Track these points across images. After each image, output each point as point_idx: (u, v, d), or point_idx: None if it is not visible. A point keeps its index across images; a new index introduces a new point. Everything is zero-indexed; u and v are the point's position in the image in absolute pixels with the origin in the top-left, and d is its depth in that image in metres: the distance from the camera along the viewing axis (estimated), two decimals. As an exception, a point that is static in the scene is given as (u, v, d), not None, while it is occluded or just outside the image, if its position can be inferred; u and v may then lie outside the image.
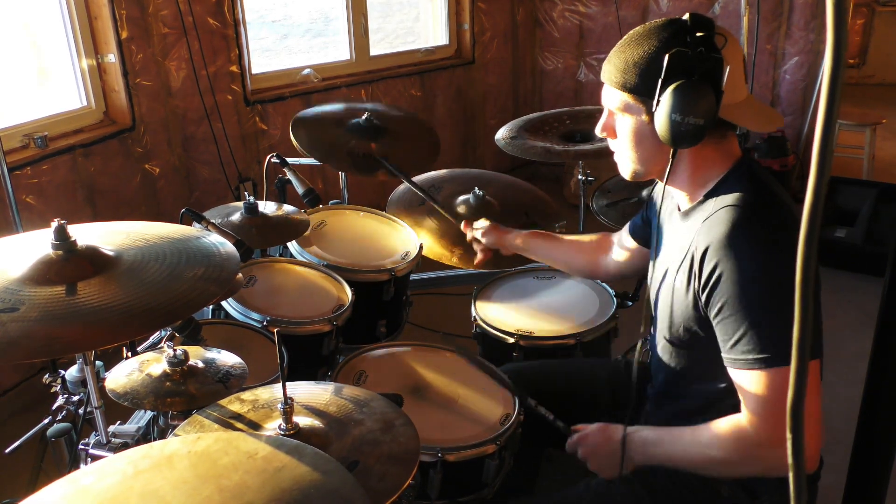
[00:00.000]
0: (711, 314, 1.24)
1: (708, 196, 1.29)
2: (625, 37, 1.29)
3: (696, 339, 1.31)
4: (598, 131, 1.38)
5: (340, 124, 2.39)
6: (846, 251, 3.60)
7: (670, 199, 1.44)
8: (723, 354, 1.24)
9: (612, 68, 1.28)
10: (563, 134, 2.43)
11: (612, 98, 1.31)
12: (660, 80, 1.19)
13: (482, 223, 1.95)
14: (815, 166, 0.43)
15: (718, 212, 1.23)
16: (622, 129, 1.32)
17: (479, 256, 1.98)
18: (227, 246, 1.22)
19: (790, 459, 0.49)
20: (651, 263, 1.50)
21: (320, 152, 2.28)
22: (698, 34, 1.18)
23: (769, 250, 1.18)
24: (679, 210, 1.38)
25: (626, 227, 1.72)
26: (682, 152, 1.28)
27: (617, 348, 2.04)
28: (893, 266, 1.13)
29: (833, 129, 0.43)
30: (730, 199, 1.23)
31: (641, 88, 1.24)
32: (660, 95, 1.20)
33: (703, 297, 1.24)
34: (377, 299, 2.00)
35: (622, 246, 1.74)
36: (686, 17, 1.22)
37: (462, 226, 2.01)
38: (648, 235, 1.59)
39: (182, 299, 1.07)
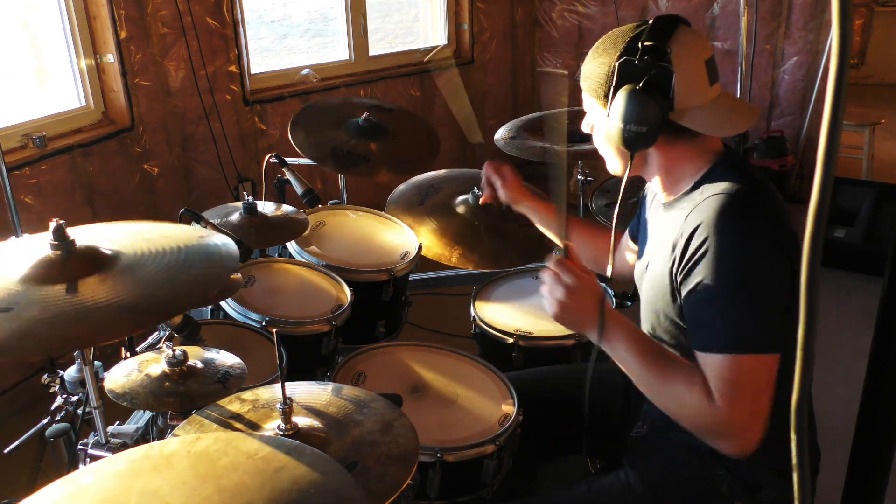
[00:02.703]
0: (685, 290, 1.23)
1: (693, 188, 1.31)
2: (601, 38, 1.34)
3: (679, 329, 1.31)
4: (583, 128, 1.44)
5: (339, 125, 2.39)
6: (846, 251, 3.60)
7: (654, 195, 1.46)
8: (690, 334, 1.23)
9: (582, 72, 1.35)
10: (562, 134, 2.43)
11: (584, 99, 1.39)
12: (611, 88, 1.27)
13: (504, 172, 1.92)
14: (820, 174, 0.43)
15: (709, 199, 1.24)
16: (593, 129, 1.40)
17: (485, 196, 1.98)
18: (225, 240, 1.22)
19: (794, 460, 0.49)
20: (636, 258, 1.51)
21: (318, 153, 2.28)
22: (647, 43, 1.23)
23: (757, 240, 1.19)
24: (661, 204, 1.40)
25: (627, 230, 1.73)
26: (651, 152, 1.33)
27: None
28: (893, 266, 1.13)
29: (837, 136, 0.43)
30: (719, 188, 1.24)
31: (600, 93, 1.32)
32: (610, 103, 1.28)
33: (682, 274, 1.23)
34: (376, 299, 2.00)
35: (625, 248, 1.74)
36: (650, 21, 1.26)
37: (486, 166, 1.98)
38: None
39: (181, 293, 1.06)
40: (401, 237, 2.16)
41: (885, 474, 1.19)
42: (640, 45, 1.23)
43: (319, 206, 2.21)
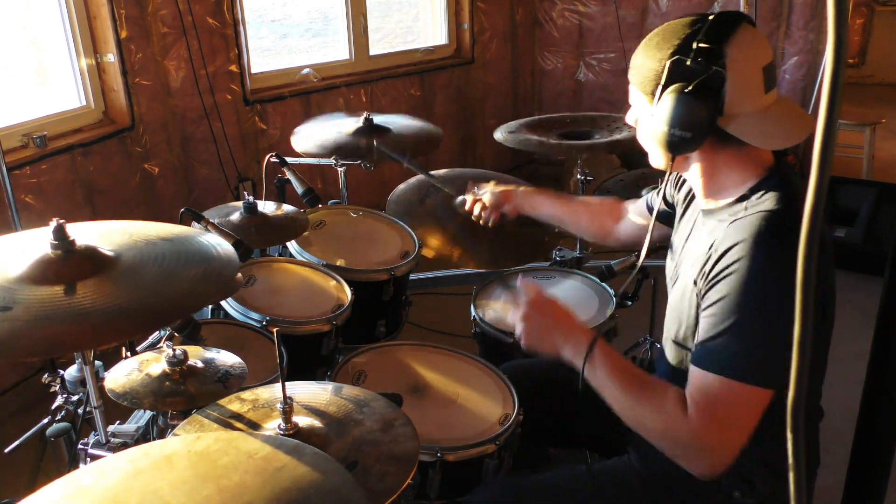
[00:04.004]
0: (705, 303, 1.20)
1: (737, 201, 1.25)
2: (655, 30, 1.28)
3: None
4: (627, 120, 1.38)
5: (339, 128, 2.42)
6: (846, 251, 3.60)
7: (691, 195, 1.42)
8: (694, 346, 1.20)
9: (632, 63, 1.29)
10: (562, 134, 2.43)
11: (630, 91, 1.32)
12: (659, 87, 1.21)
13: (487, 187, 1.92)
14: (815, 175, 0.43)
15: (753, 216, 1.19)
16: (637, 122, 1.34)
17: (491, 221, 1.93)
18: (226, 247, 1.22)
19: (790, 459, 0.49)
20: (668, 258, 1.49)
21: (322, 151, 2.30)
22: (702, 44, 1.16)
23: (788, 273, 1.15)
24: (701, 210, 1.35)
25: (644, 199, 1.70)
26: (692, 157, 1.28)
27: (616, 348, 2.03)
28: (893, 266, 1.13)
29: (833, 135, 0.43)
30: (765, 206, 1.19)
31: (647, 89, 1.25)
32: (657, 101, 1.21)
33: (706, 288, 1.20)
34: (377, 299, 2.00)
35: (639, 214, 1.71)
36: (711, 16, 1.20)
37: (466, 201, 1.97)
38: (667, 215, 1.56)
39: (179, 301, 1.07)
40: (401, 237, 2.16)
41: (885, 474, 1.20)
42: (694, 44, 1.17)
43: (320, 205, 2.21)
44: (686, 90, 1.16)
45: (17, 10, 2.91)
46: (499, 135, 2.38)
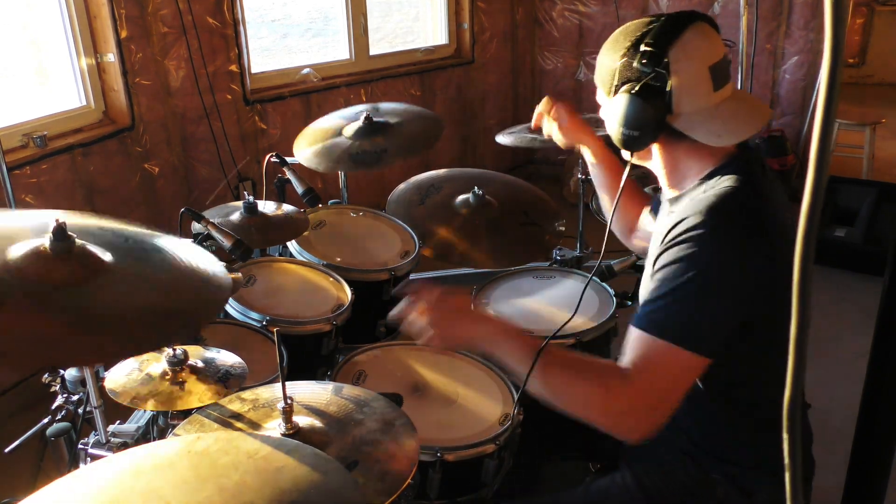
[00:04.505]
0: (654, 269, 1.23)
1: (696, 186, 1.29)
2: (618, 29, 1.32)
3: None
4: (600, 114, 1.41)
5: (339, 133, 2.37)
6: (846, 251, 3.60)
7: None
8: (638, 307, 1.22)
9: (597, 60, 1.34)
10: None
11: (597, 87, 1.37)
12: (613, 86, 1.27)
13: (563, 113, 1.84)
14: (812, 181, 0.43)
15: (708, 193, 1.23)
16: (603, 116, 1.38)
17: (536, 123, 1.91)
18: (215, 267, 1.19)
19: (786, 459, 0.49)
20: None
21: (330, 162, 2.25)
22: (646, 47, 1.20)
23: (736, 246, 1.18)
24: (667, 200, 1.39)
25: (650, 207, 1.71)
26: (653, 149, 1.33)
27: (616, 348, 2.04)
28: (893, 266, 1.13)
29: (830, 134, 0.43)
30: (723, 186, 1.23)
31: (605, 87, 1.31)
32: (611, 100, 1.27)
33: (657, 255, 1.22)
34: (377, 299, 2.00)
35: (645, 224, 1.72)
36: (663, 17, 1.24)
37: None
38: None
39: (177, 313, 1.05)
40: (401, 237, 2.16)
41: (885, 474, 1.20)
42: (640, 47, 1.22)
43: (320, 205, 2.21)
44: (632, 91, 1.22)
45: (17, 10, 2.91)
46: (501, 138, 2.38)
